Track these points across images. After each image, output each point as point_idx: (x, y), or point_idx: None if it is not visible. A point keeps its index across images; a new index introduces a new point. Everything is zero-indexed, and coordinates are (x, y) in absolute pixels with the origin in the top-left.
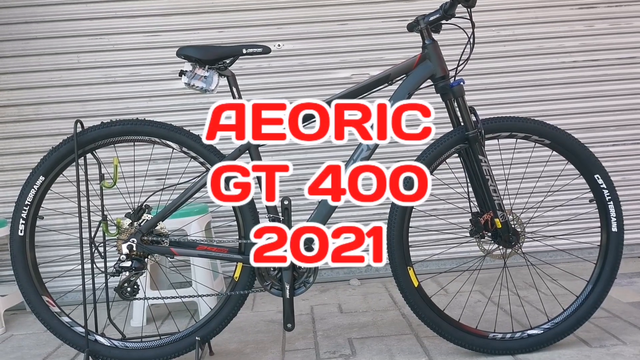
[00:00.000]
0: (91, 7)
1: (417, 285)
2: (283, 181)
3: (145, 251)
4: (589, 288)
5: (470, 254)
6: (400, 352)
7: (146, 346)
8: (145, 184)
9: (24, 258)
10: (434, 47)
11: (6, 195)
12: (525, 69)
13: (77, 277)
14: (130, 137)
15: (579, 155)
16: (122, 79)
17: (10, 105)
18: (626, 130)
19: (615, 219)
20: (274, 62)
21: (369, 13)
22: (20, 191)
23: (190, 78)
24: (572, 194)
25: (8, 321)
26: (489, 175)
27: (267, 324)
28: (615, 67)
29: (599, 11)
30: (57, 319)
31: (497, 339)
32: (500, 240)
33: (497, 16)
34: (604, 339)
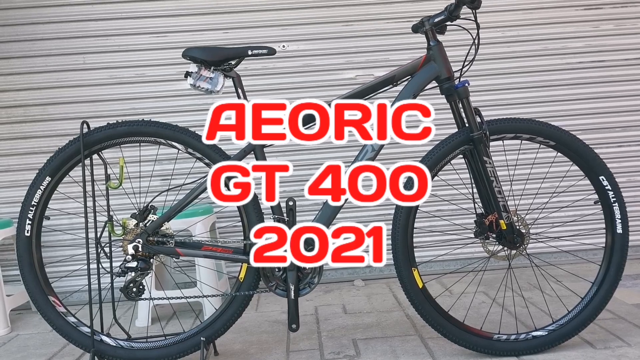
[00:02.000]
0: (97, 8)
1: (422, 286)
2: (287, 182)
3: (150, 251)
4: (594, 289)
5: (474, 255)
6: (405, 353)
7: (151, 346)
8: (151, 184)
9: (30, 258)
10: (439, 49)
11: (13, 195)
12: (531, 70)
13: (83, 277)
14: (136, 138)
15: (584, 157)
16: (128, 80)
17: (17, 105)
18: (632, 132)
19: (620, 221)
20: (279, 63)
21: (374, 14)
22: (27, 191)
23: (196, 79)
24: (576, 195)
25: (14, 321)
26: (494, 177)
27: (272, 325)
28: (620, 68)
29: (605, 12)
30: (63, 318)
31: (501, 340)
32: (505, 242)
33: (502, 17)
34: (609, 340)
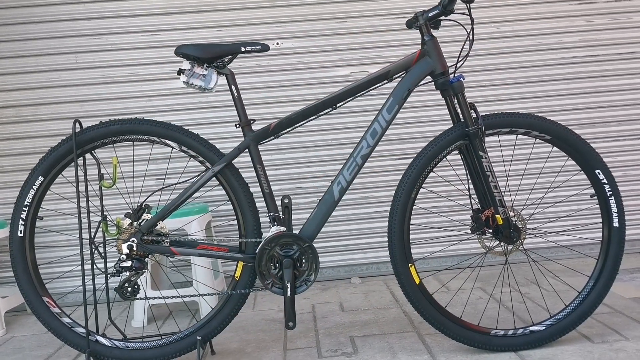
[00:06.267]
0: (89, 6)
1: (419, 282)
2: (283, 179)
3: (145, 251)
4: (591, 284)
5: (470, 251)
6: (402, 350)
7: (147, 346)
8: (145, 183)
9: (24, 259)
10: (434, 43)
11: (5, 196)
12: (525, 65)
13: (78, 277)
14: (129, 137)
15: (580, 151)
16: (120, 79)
17: (8, 106)
18: (627, 126)
19: (617, 214)
20: (273, 61)
21: (369, 10)
22: (20, 192)
23: (189, 77)
24: (573, 189)
25: (9, 322)
26: (490, 171)
27: (268, 323)
28: (615, 62)
29: (599, 6)
30: (58, 319)
31: (499, 336)
32: (502, 237)
33: (496, 12)
34: (607, 334)
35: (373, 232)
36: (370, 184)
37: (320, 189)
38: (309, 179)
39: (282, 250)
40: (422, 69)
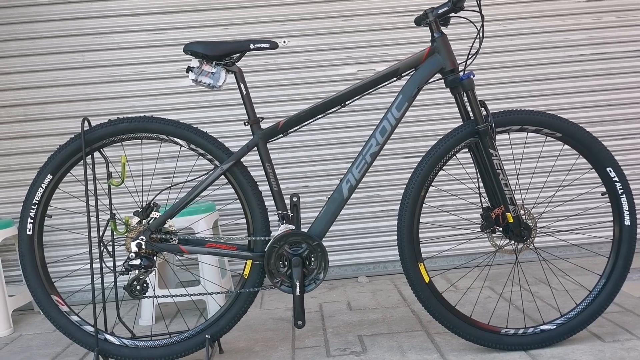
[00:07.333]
0: (96, 5)
1: (428, 281)
2: (290, 178)
3: (154, 249)
4: (602, 282)
5: (479, 250)
6: (412, 349)
7: (156, 345)
8: (153, 182)
9: (33, 257)
10: (443, 41)
11: (14, 195)
12: (532, 63)
13: (86, 276)
14: (138, 135)
15: (591, 148)
16: (127, 78)
17: (16, 105)
18: (635, 124)
19: (628, 212)
20: (280, 59)
21: (375, 8)
22: (28, 190)
23: (198, 74)
24: (583, 188)
25: (16, 321)
26: (500, 169)
27: (276, 322)
28: (623, 60)
29: (606, 4)
30: (67, 318)
31: (509, 335)
32: (512, 235)
33: (503, 10)
34: (617, 333)
35: (380, 231)
36: (378, 183)
37: (327, 187)
38: (315, 178)
39: (291, 249)
40: (431, 66)
